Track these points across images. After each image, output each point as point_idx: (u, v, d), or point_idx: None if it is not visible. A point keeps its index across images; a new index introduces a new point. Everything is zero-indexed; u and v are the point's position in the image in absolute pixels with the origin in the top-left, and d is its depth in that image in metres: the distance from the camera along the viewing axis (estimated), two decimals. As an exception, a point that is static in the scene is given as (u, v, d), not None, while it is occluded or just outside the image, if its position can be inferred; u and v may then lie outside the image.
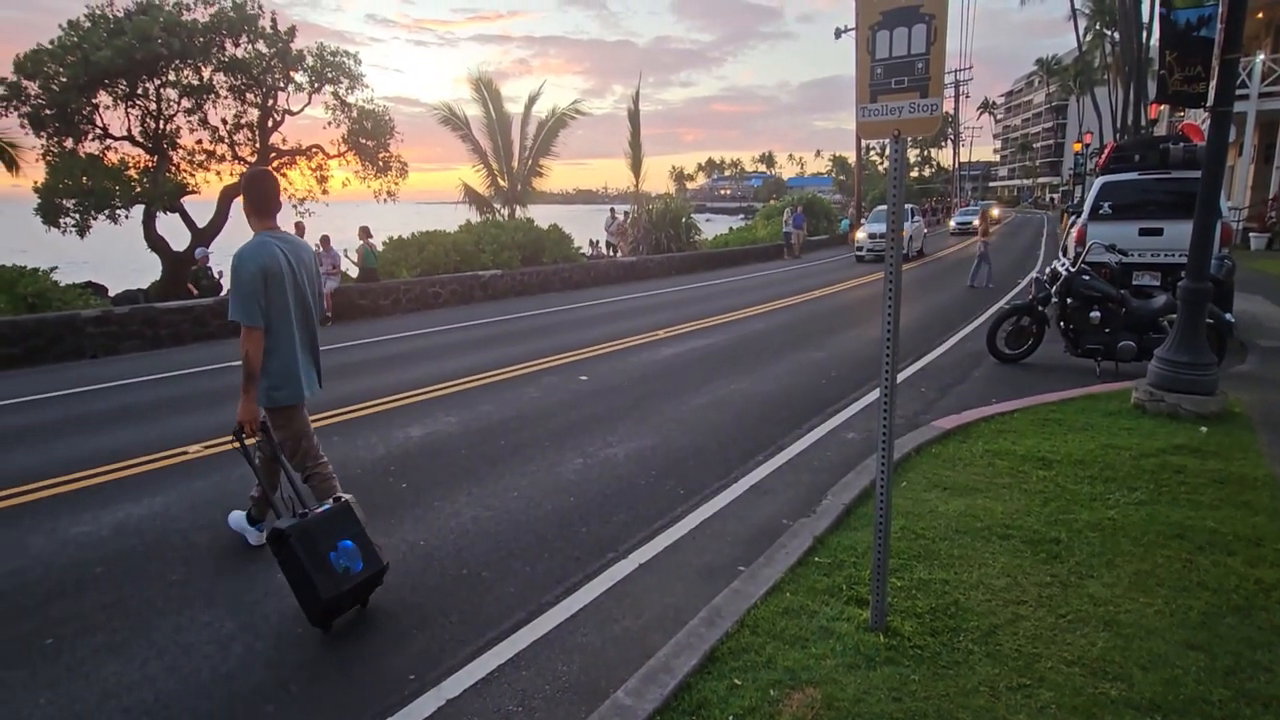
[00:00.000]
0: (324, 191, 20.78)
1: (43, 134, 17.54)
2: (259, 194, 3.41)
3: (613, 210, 21.92)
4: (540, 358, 8.15)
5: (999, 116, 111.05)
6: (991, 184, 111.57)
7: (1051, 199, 74.50)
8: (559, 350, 8.58)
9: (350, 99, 19.93)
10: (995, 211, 46.09)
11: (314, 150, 20.42)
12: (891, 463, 2.71)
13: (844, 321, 10.57)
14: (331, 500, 3.19)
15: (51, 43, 17.09)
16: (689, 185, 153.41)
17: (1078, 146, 45.50)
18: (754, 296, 13.54)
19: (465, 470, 4.71)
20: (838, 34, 28.41)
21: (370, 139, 20.22)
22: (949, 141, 64.01)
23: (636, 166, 21.98)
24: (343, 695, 2.57)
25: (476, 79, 20.21)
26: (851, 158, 79.59)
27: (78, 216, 17.05)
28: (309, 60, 19.10)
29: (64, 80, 16.93)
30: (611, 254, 21.08)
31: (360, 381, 7.29)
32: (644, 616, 3.04)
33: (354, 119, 19.98)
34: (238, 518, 3.79)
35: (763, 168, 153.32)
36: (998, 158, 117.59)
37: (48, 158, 17.40)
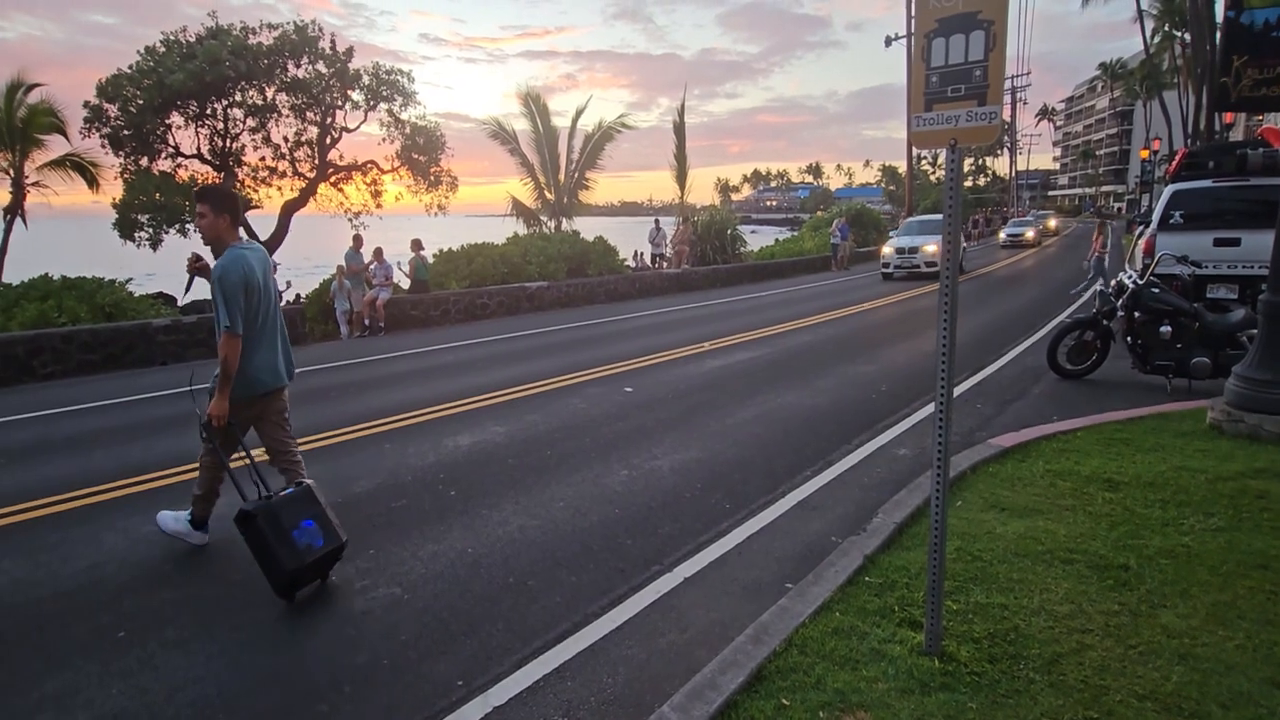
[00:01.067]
0: (378, 205, 21.51)
1: (121, 153, 18.68)
2: (237, 209, 3.73)
3: (657, 221, 21.96)
4: (585, 369, 8.21)
5: (1059, 123, 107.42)
6: (1051, 193, 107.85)
7: (1116, 208, 71.54)
8: (604, 362, 8.63)
9: (404, 116, 20.63)
10: (1052, 223, 44.39)
11: (369, 165, 21.17)
12: (947, 480, 2.63)
13: (894, 335, 10.34)
14: (294, 485, 3.52)
15: (130, 68, 18.21)
16: (734, 197, 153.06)
17: (1145, 153, 43.59)
18: (801, 309, 13.38)
19: (512, 479, 4.76)
20: (888, 42, 28.00)
21: (422, 154, 20.85)
22: (1005, 149, 62.22)
23: (682, 179, 22.04)
24: (393, 697, 2.61)
25: (525, 94, 20.65)
26: (902, 167, 78.12)
27: (151, 230, 18.04)
28: (365, 79, 19.85)
29: (141, 103, 18.01)
30: (658, 266, 21.12)
31: (412, 390, 7.47)
32: (689, 631, 3.01)
33: (407, 135, 20.65)
34: (171, 522, 3.89)
35: (809, 178, 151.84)
36: (1057, 166, 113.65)
37: (125, 176, 18.50)
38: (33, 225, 17.47)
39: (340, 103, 19.92)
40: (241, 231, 3.78)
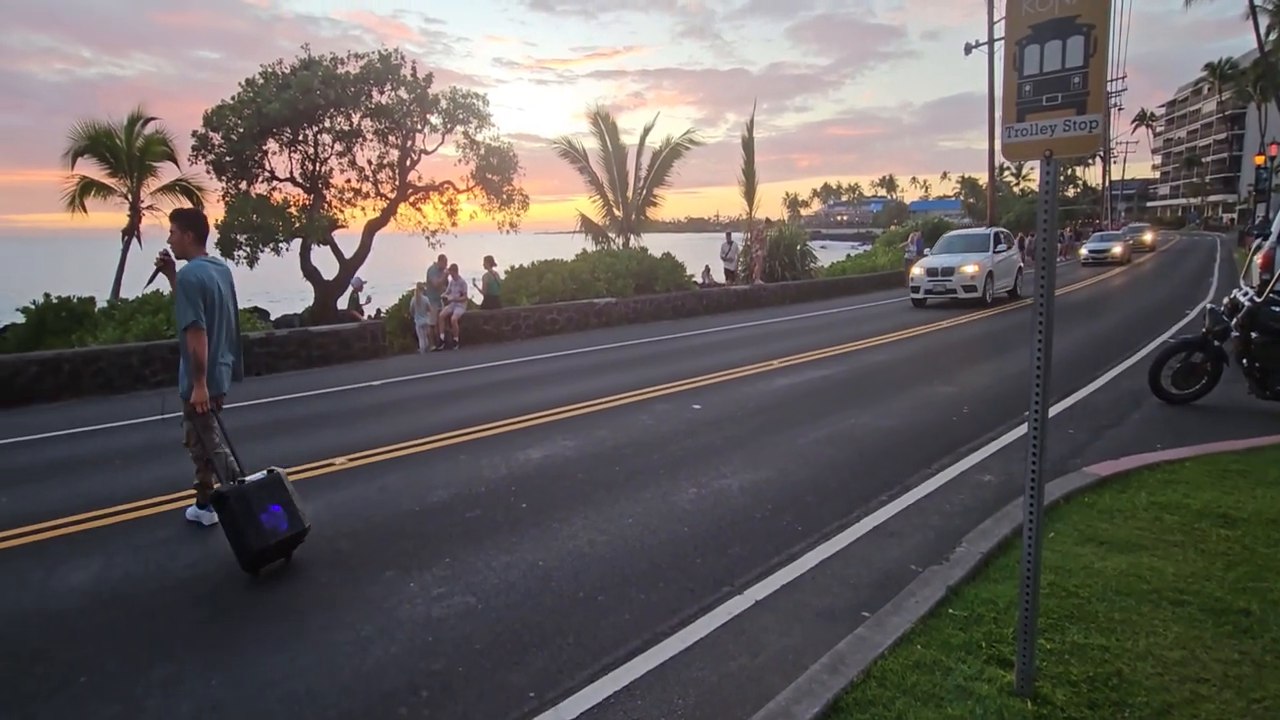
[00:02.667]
0: (453, 223, 22.33)
1: (223, 178, 20.15)
2: (202, 228, 4.39)
3: (728, 235, 21.79)
4: (653, 385, 8.22)
5: (1158, 129, 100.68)
6: (1150, 203, 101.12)
7: (1226, 219, 66.40)
8: (671, 378, 8.61)
9: (479, 137, 21.40)
10: (1148, 236, 41.14)
11: (446, 185, 22.03)
12: (1041, 509, 2.47)
13: (976, 354, 9.89)
14: (266, 471, 3.94)
15: (232, 99, 19.67)
16: (803, 212, 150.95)
17: (1260, 159, 40.23)
18: (874, 326, 13.00)
19: (582, 494, 4.80)
20: (968, 49, 27.03)
21: (496, 174, 21.54)
22: (1098, 158, 58.83)
23: (750, 194, 21.91)
24: (468, 705, 2.66)
25: (594, 113, 21.07)
26: (982, 179, 75.09)
27: (249, 249, 19.32)
28: (443, 103, 20.74)
29: (241, 131, 19.41)
30: (730, 282, 20.95)
31: (484, 403, 7.66)
32: (761, 656, 2.93)
33: (481, 156, 21.40)
34: (193, 510, 4.46)
35: (882, 192, 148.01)
36: (1157, 174, 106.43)
37: (226, 199, 19.91)
38: (147, 245, 19.04)
39: (420, 126, 20.87)
40: (210, 247, 4.52)
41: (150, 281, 4.72)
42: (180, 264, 4.24)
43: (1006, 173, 64.79)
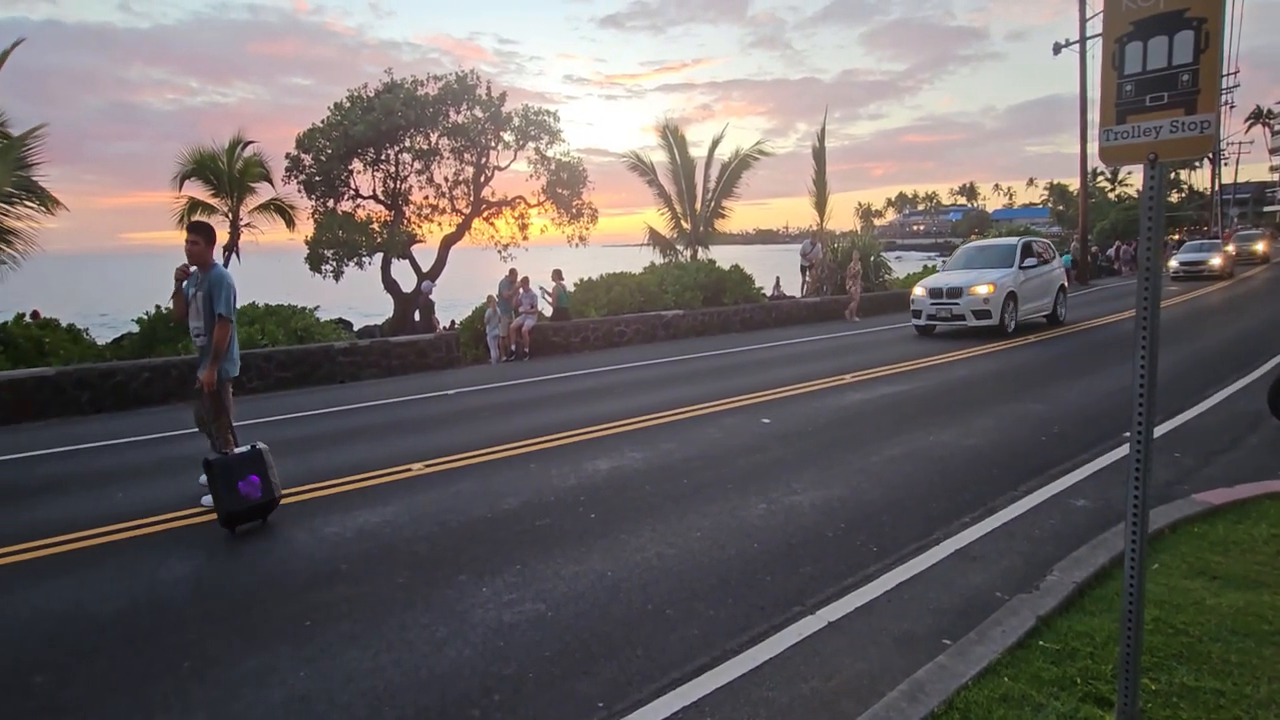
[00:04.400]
0: (524, 237, 22.92)
1: (313, 197, 21.41)
2: (215, 238, 5.12)
3: (814, 240, 21.13)
4: (721, 398, 8.15)
5: (1277, 127, 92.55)
6: (1268, 208, 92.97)
7: None
8: (740, 391, 8.52)
9: (550, 153, 21.94)
10: (1260, 246, 37.56)
11: (518, 200, 22.68)
12: (1145, 537, 2.30)
13: (1067, 370, 9.33)
14: (250, 446, 4.58)
15: (321, 122, 20.92)
16: (877, 222, 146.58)
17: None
18: (954, 341, 12.47)
19: (649, 506, 4.80)
20: (1056, 49, 25.73)
21: (566, 188, 22.01)
22: (1207, 161, 54.55)
23: (821, 204, 21.52)
24: (539, 711, 2.68)
25: (663, 126, 21.22)
26: (1073, 184, 71.14)
27: (335, 264, 20.42)
28: (516, 121, 21.39)
29: (330, 152, 20.59)
30: (804, 279, 20.41)
31: (554, 413, 7.79)
32: (834, 680, 2.83)
33: (552, 171, 21.92)
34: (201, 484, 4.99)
35: (962, 200, 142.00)
36: (1276, 177, 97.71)
37: (315, 216, 21.14)
38: (244, 260, 20.41)
39: (494, 144, 21.58)
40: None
41: (182, 289, 5.20)
42: (193, 270, 5.02)
43: (1100, 177, 61.16)
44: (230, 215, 19.89)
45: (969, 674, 2.71)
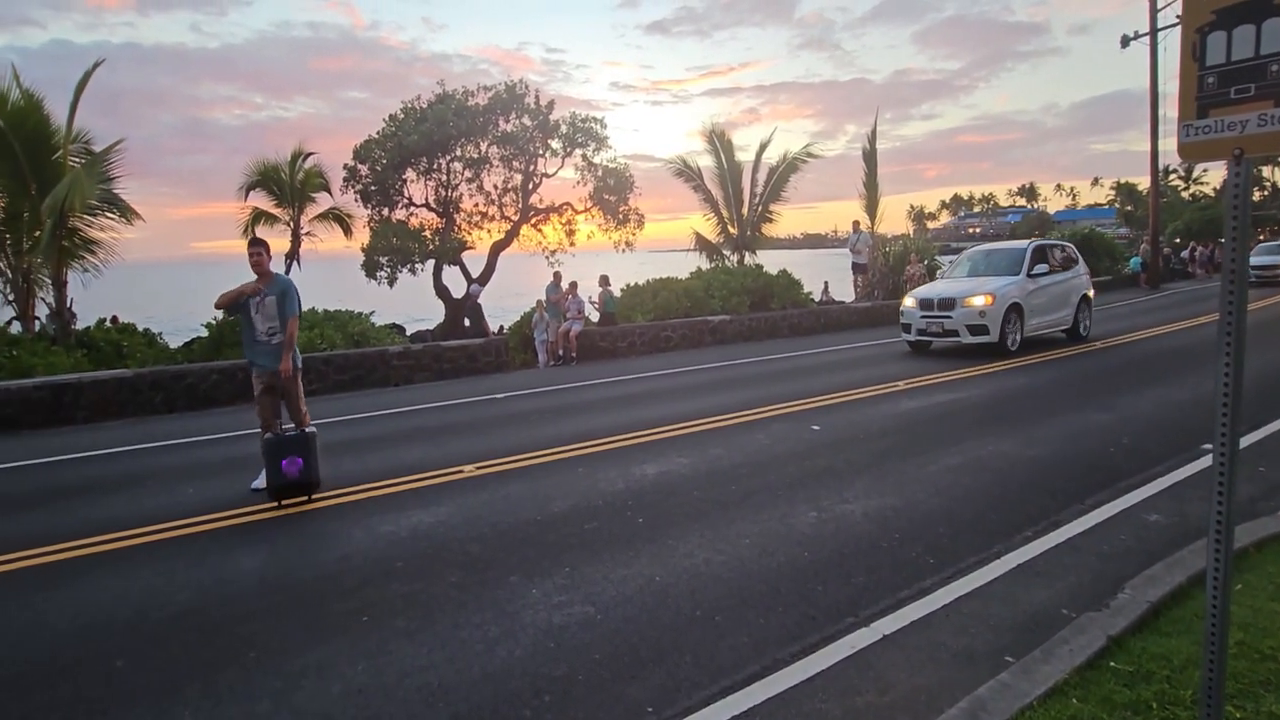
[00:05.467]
0: (571, 243, 23.17)
1: (369, 206, 22.12)
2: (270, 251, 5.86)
3: (855, 225, 20.48)
4: (769, 404, 8.05)
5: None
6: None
7: None
8: (788, 398, 8.40)
9: (596, 159, 22.13)
10: None
11: (565, 207, 22.95)
12: (1230, 555, 2.17)
13: (1136, 378, 8.90)
14: (301, 430, 5.29)
15: (377, 133, 21.60)
16: (930, 225, 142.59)
17: None
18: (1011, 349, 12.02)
19: (697, 512, 4.77)
20: (1125, 42, 24.58)
21: (612, 194, 22.16)
22: (1286, 156, 51.29)
23: (872, 207, 21.07)
24: (589, 714, 2.69)
25: (709, 131, 21.13)
26: (1142, 183, 67.83)
27: (389, 270, 21.03)
28: (563, 128, 21.66)
29: (384, 162, 21.25)
30: (856, 278, 19.93)
31: (601, 418, 7.83)
32: (890, 694, 2.76)
33: (599, 177, 22.11)
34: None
35: (1021, 201, 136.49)
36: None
37: (370, 224, 21.82)
38: (304, 267, 21.22)
39: (541, 151, 21.91)
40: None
41: (245, 297, 5.71)
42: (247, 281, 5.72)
43: (1173, 175, 58.22)
44: (291, 224, 20.71)
45: (1034, 694, 2.60)
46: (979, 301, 10.92)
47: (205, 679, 3.03)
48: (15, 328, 12.13)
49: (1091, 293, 12.66)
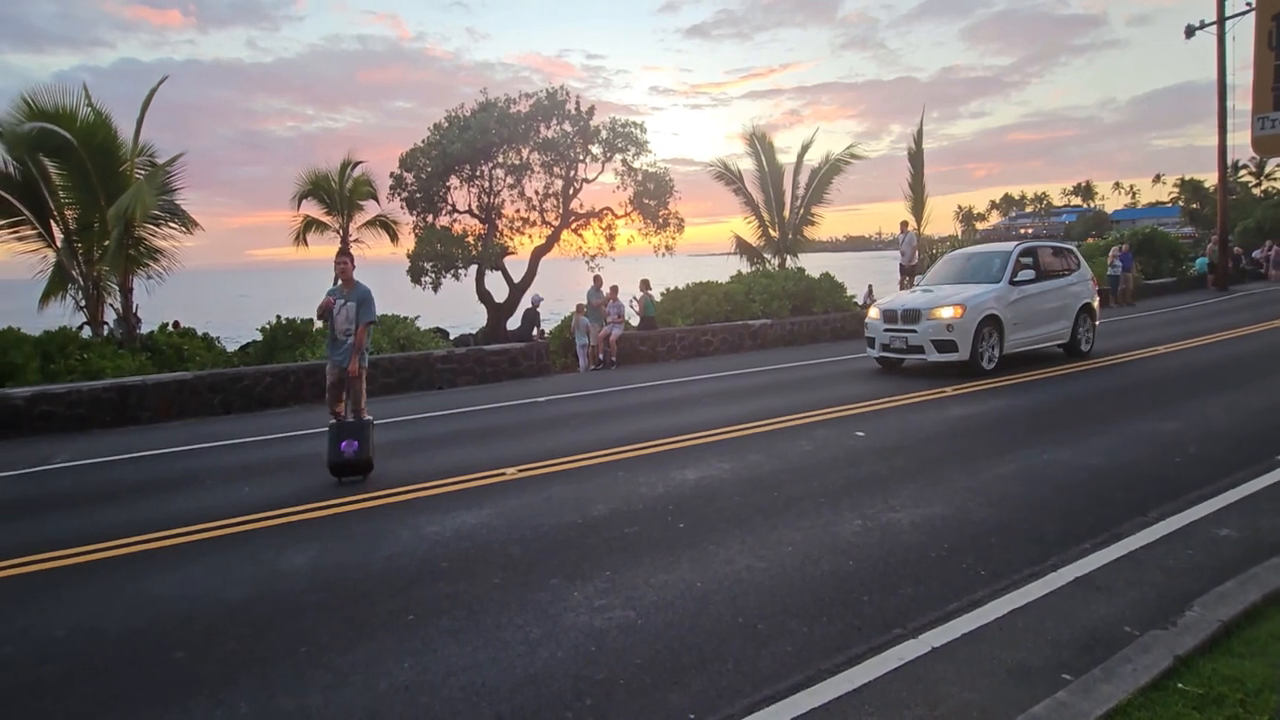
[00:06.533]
0: (611, 248, 23.29)
1: (414, 213, 22.63)
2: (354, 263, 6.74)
3: (904, 225, 20.01)
4: (812, 410, 7.93)
5: None
6: None
7: None
8: (831, 403, 8.26)
9: (636, 164, 22.22)
10: None
11: (605, 212, 23.09)
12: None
13: (1204, 385, 8.47)
14: (358, 417, 6.22)
15: (422, 142, 22.10)
16: (979, 226, 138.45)
17: None
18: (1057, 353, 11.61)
19: (738, 518, 4.72)
20: (1190, 31, 23.46)
21: (652, 198, 22.20)
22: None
23: (918, 208, 20.61)
24: (631, 718, 2.68)
25: (750, 134, 20.97)
26: (1208, 180, 64.55)
27: (433, 276, 21.48)
28: (603, 133, 21.81)
29: (429, 170, 21.72)
30: (905, 279, 19.46)
31: (640, 422, 7.83)
32: (940, 709, 2.67)
33: (639, 182, 22.18)
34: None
35: (1076, 200, 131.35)
36: None
37: (416, 231, 22.32)
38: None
39: (582, 157, 22.10)
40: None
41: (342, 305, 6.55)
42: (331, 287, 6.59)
43: (1244, 171, 55.34)
44: (340, 232, 21.34)
45: (1094, 713, 2.49)
46: (947, 313, 9.50)
47: (259, 672, 3.13)
48: (86, 332, 12.78)
49: (1096, 302, 11.27)
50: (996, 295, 9.86)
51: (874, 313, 10.62)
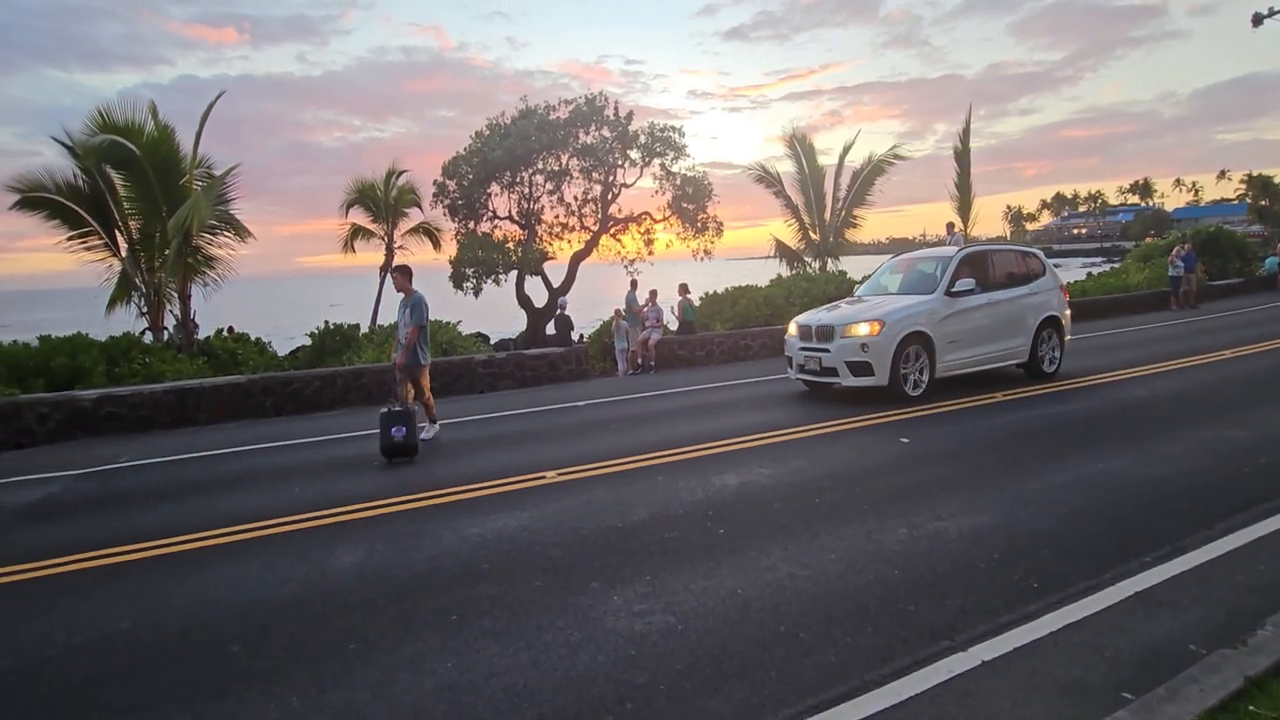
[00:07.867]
0: (650, 252, 23.35)
1: (456, 219, 23.08)
2: (411, 274, 8.16)
3: (950, 227, 19.52)
4: (854, 415, 7.80)
5: None
6: None
7: None
8: (874, 408, 8.10)
9: (674, 168, 22.27)
10: None
11: (643, 216, 23.17)
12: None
13: (1274, 391, 8.05)
14: (401, 407, 7.00)
15: (464, 150, 22.52)
16: (1029, 226, 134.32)
17: None
18: (1126, 356, 11.17)
19: (779, 524, 4.67)
20: (1258, 20, 22.30)
21: (691, 203, 22.20)
22: None
23: (965, 209, 20.12)
24: (670, 729, 2.67)
25: (790, 136, 20.78)
26: (1279, 175, 61.34)
27: (475, 281, 21.86)
28: (641, 138, 21.89)
29: (470, 177, 22.12)
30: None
31: (680, 427, 7.82)
32: (992, 726, 2.59)
33: (677, 186, 22.21)
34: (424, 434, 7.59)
35: (1134, 199, 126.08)
36: None
37: (458, 237, 22.75)
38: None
39: (620, 162, 22.24)
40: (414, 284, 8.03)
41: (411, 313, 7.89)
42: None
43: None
44: (385, 239, 21.91)
45: (1158, 736, 2.38)
46: (862, 330, 8.30)
47: (310, 667, 3.22)
48: (148, 337, 13.39)
49: (1066, 314, 9.84)
50: (927, 309, 8.57)
51: (791, 329, 9.43)
